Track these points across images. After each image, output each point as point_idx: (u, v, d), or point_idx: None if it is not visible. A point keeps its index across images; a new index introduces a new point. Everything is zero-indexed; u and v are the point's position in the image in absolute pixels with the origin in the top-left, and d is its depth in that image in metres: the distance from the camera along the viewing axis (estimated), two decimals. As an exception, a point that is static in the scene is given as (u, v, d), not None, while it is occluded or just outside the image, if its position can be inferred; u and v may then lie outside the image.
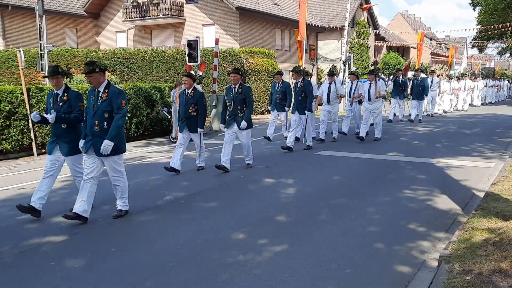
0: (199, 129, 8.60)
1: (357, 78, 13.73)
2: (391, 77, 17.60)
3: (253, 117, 11.83)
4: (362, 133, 12.09)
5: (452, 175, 8.14)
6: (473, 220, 5.24)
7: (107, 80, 5.83)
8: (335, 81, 12.15)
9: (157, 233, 5.32)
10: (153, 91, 14.52)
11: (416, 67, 25.39)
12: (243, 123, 8.45)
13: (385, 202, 6.46)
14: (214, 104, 15.41)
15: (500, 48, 42.96)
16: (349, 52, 31.54)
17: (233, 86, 8.59)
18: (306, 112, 10.69)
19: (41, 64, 13.77)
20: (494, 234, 4.56)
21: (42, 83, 16.93)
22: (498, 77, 33.84)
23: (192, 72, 14.44)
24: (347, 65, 23.55)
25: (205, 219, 5.84)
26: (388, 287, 3.94)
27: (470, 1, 35.69)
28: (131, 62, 22.97)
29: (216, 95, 15.55)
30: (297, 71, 10.92)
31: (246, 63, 21.24)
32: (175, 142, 12.90)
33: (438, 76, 21.86)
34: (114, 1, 30.25)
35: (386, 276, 4.13)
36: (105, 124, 5.62)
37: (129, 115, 13.22)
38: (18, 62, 12.31)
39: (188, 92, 8.68)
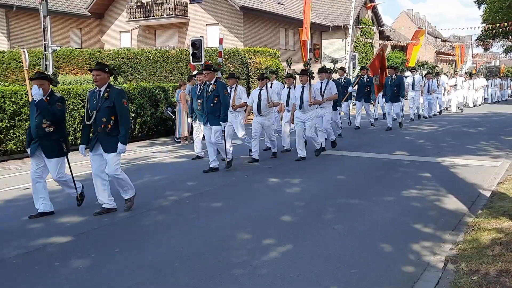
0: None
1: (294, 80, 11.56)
2: (355, 77, 15.69)
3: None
4: (301, 153, 9.50)
5: (458, 174, 8.09)
6: (480, 219, 5.20)
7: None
8: (267, 86, 9.76)
9: (162, 233, 5.31)
10: (157, 91, 14.53)
11: (408, 64, 25.35)
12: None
13: (390, 202, 6.43)
14: None
15: (505, 47, 42.73)
16: (354, 51, 31.47)
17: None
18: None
19: (46, 65, 13.80)
20: (501, 234, 4.53)
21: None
22: (501, 76, 33.16)
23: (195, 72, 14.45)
24: (351, 64, 23.43)
25: (210, 219, 5.83)
26: (394, 287, 3.91)
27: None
28: (135, 62, 22.99)
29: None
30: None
31: (250, 63, 21.22)
32: (179, 142, 12.91)
33: (444, 74, 21.65)
34: (118, 1, 30.29)
35: (392, 276, 4.10)
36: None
37: (133, 115, 13.22)
38: (22, 63, 12.35)
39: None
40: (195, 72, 14.28)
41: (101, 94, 5.91)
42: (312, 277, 4.06)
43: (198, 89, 8.97)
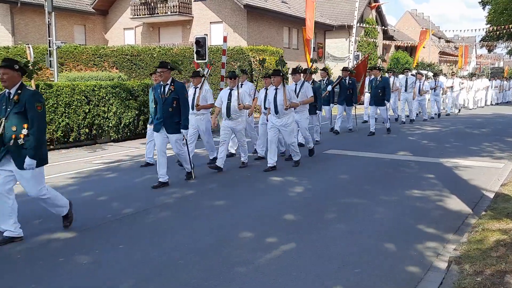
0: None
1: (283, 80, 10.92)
2: (337, 78, 14.02)
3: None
4: (270, 161, 8.47)
5: (461, 175, 8.08)
6: (484, 221, 5.20)
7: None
8: (238, 86, 8.52)
9: (165, 231, 5.32)
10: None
11: (414, 65, 25.02)
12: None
13: (394, 202, 6.42)
14: None
15: (509, 48, 42.62)
16: (357, 51, 31.44)
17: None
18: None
19: (50, 61, 13.82)
20: (506, 235, 4.52)
21: (51, 79, 16.99)
22: (503, 77, 32.58)
23: (200, 69, 14.46)
24: (354, 64, 23.43)
25: (213, 217, 5.84)
26: (397, 287, 3.91)
27: (480, 0, 35.43)
28: (139, 59, 22.99)
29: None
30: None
31: (253, 61, 21.22)
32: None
33: (444, 75, 21.38)
34: (123, -2, 30.32)
35: (395, 276, 4.10)
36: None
37: (136, 112, 13.25)
38: (27, 58, 12.37)
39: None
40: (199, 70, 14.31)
41: (11, 97, 4.84)
42: (314, 277, 4.07)
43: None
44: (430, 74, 21.92)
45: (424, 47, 31.13)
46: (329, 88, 13.00)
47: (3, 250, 4.73)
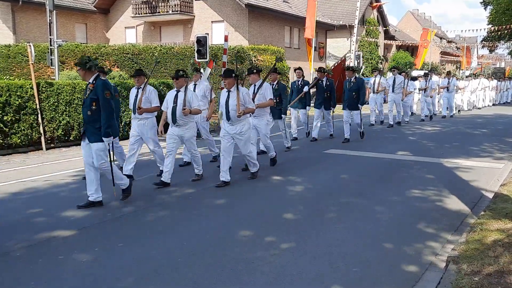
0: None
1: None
2: (314, 79, 12.64)
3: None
4: (224, 177, 7.34)
5: (461, 175, 8.09)
6: (482, 221, 5.21)
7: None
8: (186, 88, 7.36)
9: (165, 229, 5.34)
10: (162, 87, 14.56)
11: (418, 66, 24.63)
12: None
13: (393, 202, 6.44)
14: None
15: (511, 49, 42.57)
16: (359, 50, 31.43)
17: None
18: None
19: (51, 59, 13.86)
20: (504, 235, 4.54)
21: (52, 78, 17.02)
22: (500, 77, 31.95)
23: (202, 69, 14.45)
24: (355, 63, 23.37)
25: (213, 216, 5.85)
26: (395, 286, 3.92)
27: (482, 0, 35.40)
28: (140, 58, 23.03)
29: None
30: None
31: (254, 60, 21.23)
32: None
33: (437, 74, 20.84)
34: (124, -3, 30.34)
35: (393, 275, 4.11)
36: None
37: (137, 111, 13.25)
38: (28, 57, 12.39)
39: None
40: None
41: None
42: (314, 276, 4.08)
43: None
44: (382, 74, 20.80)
45: (426, 48, 31.08)
46: (306, 89, 11.92)
47: (2, 248, 4.75)
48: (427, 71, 21.06)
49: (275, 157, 8.92)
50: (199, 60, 14.44)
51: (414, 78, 21.24)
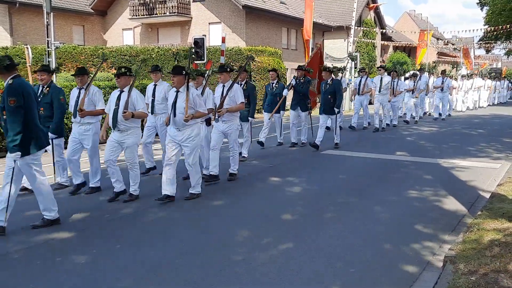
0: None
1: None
2: (292, 79, 11.34)
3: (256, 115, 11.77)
4: (169, 189, 6.48)
5: (458, 176, 8.12)
6: (479, 221, 5.23)
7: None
8: (131, 88, 6.53)
9: (163, 231, 5.35)
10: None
11: (417, 66, 24.42)
12: None
13: (391, 202, 6.46)
14: None
15: (507, 49, 42.71)
16: (356, 51, 31.47)
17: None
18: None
19: (48, 61, 13.83)
20: (500, 235, 4.56)
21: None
22: (495, 77, 31.62)
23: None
24: (352, 63, 23.27)
25: (211, 216, 5.87)
26: (393, 286, 3.94)
27: (478, 1, 35.51)
28: (138, 59, 23.01)
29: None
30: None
31: (252, 62, 21.26)
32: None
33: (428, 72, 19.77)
34: (121, -2, 30.33)
35: (391, 275, 4.14)
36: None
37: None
38: (25, 59, 12.39)
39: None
40: None
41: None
42: (312, 276, 4.10)
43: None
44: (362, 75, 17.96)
45: (423, 48, 31.15)
46: (285, 92, 10.88)
47: (0, 250, 4.74)
48: (415, 71, 20.34)
49: (235, 173, 7.83)
50: (197, 62, 14.45)
51: (406, 78, 20.95)
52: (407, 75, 23.84)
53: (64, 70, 20.93)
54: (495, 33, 31.32)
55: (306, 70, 11.49)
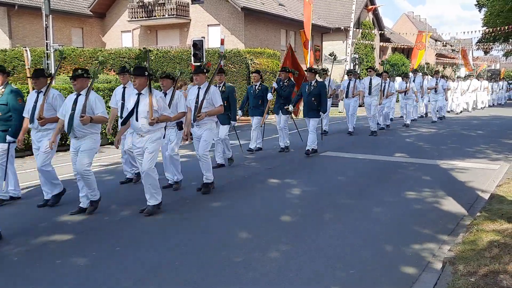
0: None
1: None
2: (274, 82, 10.89)
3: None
4: (151, 200, 6.04)
5: (457, 177, 8.13)
6: (478, 222, 5.24)
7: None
8: (88, 91, 5.97)
9: (162, 232, 5.35)
10: (158, 90, 14.57)
11: (413, 67, 24.19)
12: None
13: (390, 203, 6.47)
14: None
15: (505, 50, 42.80)
16: (355, 53, 31.52)
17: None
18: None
19: (47, 64, 13.84)
20: (499, 236, 4.57)
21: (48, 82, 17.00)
22: (493, 78, 31.30)
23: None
24: (351, 66, 23.37)
25: (211, 218, 5.87)
26: (392, 287, 3.95)
27: (476, 2, 35.63)
28: (136, 62, 23.02)
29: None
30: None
31: (251, 64, 21.28)
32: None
33: (423, 73, 19.17)
34: (120, 1, 30.32)
35: (391, 276, 4.14)
36: None
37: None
38: (24, 61, 12.38)
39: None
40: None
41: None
42: (311, 277, 4.10)
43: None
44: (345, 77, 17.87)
45: (423, 50, 31.15)
46: (269, 96, 10.48)
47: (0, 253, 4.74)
48: (406, 72, 19.81)
49: (211, 182, 7.15)
50: (196, 64, 14.47)
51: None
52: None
53: (63, 73, 20.91)
54: (493, 34, 31.41)
55: (290, 71, 10.98)
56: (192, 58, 14.45)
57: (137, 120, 5.87)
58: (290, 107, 10.42)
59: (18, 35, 25.37)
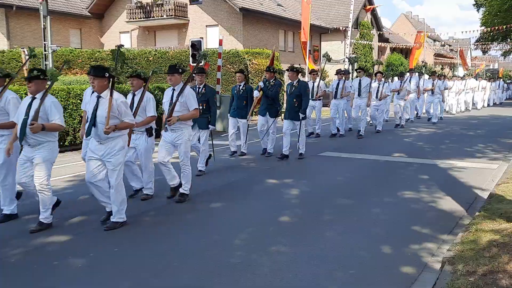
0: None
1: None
2: (260, 82, 10.35)
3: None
4: (116, 215, 5.55)
5: (456, 176, 8.12)
6: (477, 221, 5.23)
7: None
8: (45, 95, 5.42)
9: (160, 234, 5.33)
10: (156, 91, 14.54)
11: (411, 67, 23.92)
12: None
13: (389, 203, 6.45)
14: (218, 104, 15.37)
15: (504, 50, 42.85)
16: (353, 53, 31.51)
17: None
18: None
19: (45, 65, 13.82)
20: (498, 236, 4.56)
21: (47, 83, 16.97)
22: (490, 78, 30.97)
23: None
24: (349, 66, 23.32)
25: (209, 219, 5.85)
26: (391, 287, 3.94)
27: (474, 2, 35.66)
28: (135, 62, 23.02)
29: (220, 96, 15.54)
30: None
31: (249, 64, 21.27)
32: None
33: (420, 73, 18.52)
34: (118, 2, 30.32)
35: (389, 277, 4.13)
36: None
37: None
38: (22, 63, 12.34)
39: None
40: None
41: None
42: (310, 278, 4.09)
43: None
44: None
45: (420, 49, 31.21)
46: (256, 93, 9.99)
47: (-2, 254, 4.73)
48: (403, 72, 18.97)
49: (187, 193, 6.67)
50: (194, 64, 14.45)
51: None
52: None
53: (61, 74, 20.92)
54: (491, 34, 31.45)
55: (276, 71, 10.50)
56: (191, 58, 14.43)
57: (95, 125, 5.31)
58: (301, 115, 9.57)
59: (16, 36, 25.34)
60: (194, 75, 7.65)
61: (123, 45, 6.93)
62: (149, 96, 6.62)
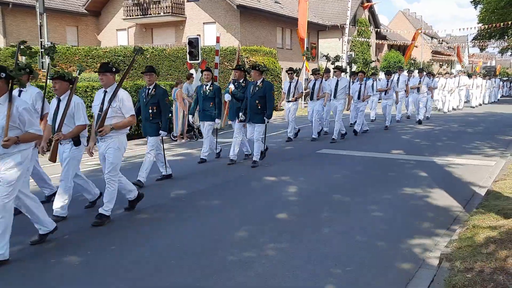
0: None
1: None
2: (229, 83, 9.71)
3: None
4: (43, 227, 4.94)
5: (454, 173, 8.14)
6: (475, 218, 5.24)
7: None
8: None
9: (158, 231, 5.32)
10: (132, 91, 14.49)
11: (406, 62, 23.55)
12: None
13: (387, 200, 6.46)
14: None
15: (501, 47, 42.88)
16: (350, 51, 31.50)
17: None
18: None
19: (42, 62, 13.77)
20: (496, 232, 4.56)
21: (42, 81, 16.92)
22: (486, 75, 30.57)
23: (193, 70, 14.45)
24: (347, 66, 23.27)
25: (207, 217, 5.84)
26: (389, 284, 3.93)
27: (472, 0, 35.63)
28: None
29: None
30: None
31: (247, 61, 21.25)
32: (176, 140, 12.90)
33: (409, 71, 17.76)
34: (115, -1, 30.24)
35: (387, 273, 4.13)
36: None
37: (130, 113, 13.18)
38: (19, 60, 12.26)
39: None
40: (192, 71, 14.31)
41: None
42: (307, 276, 4.08)
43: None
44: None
45: (416, 47, 31.25)
46: (227, 97, 9.31)
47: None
48: (389, 70, 18.10)
49: (136, 199, 6.10)
50: (191, 62, 14.43)
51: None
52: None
53: (58, 72, 20.85)
54: (489, 31, 31.46)
55: (246, 70, 9.65)
56: (188, 56, 14.40)
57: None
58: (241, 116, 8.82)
59: (12, 34, 25.24)
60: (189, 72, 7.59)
61: (25, 42, 6.13)
62: (78, 100, 5.64)
